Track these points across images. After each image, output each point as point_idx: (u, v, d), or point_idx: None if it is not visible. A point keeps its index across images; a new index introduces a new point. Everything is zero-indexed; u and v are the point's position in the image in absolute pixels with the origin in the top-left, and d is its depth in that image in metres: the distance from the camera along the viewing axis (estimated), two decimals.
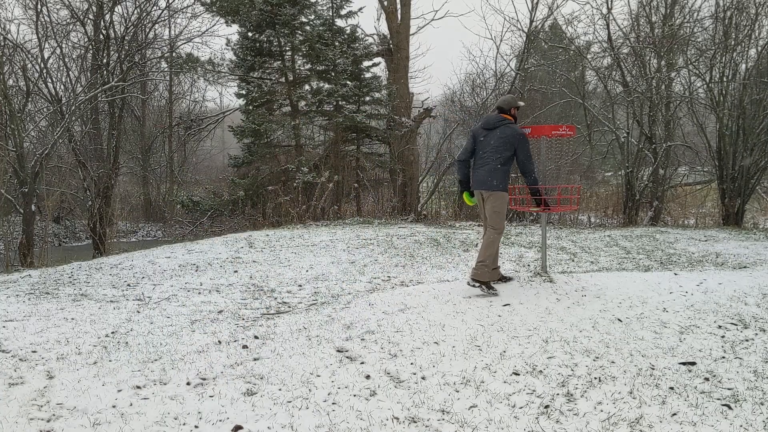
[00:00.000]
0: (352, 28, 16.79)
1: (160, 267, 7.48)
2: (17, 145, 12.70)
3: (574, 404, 3.18)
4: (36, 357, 4.00)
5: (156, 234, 22.22)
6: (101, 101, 18.71)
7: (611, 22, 14.88)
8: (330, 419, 3.07)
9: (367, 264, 7.35)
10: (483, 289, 5.31)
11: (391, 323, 4.58)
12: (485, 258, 5.35)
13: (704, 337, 4.23)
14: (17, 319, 4.98)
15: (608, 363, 3.74)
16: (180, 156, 26.36)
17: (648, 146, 14.41)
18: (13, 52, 15.47)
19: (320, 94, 16.48)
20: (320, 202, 14.78)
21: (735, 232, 10.93)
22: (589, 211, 16.58)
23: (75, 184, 18.76)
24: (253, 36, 16.63)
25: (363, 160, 17.47)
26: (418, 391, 3.39)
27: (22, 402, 3.27)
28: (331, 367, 3.76)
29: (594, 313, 4.77)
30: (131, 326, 4.75)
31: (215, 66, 18.12)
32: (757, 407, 3.12)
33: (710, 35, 14.15)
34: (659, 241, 9.30)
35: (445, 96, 22.77)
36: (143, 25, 20.33)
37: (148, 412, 3.14)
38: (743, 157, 12.90)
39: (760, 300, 5.16)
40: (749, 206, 14.79)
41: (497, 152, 5.36)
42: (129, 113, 23.25)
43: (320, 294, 5.82)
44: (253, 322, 4.78)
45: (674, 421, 2.98)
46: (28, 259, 12.14)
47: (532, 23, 17.12)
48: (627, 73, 15.15)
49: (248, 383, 3.51)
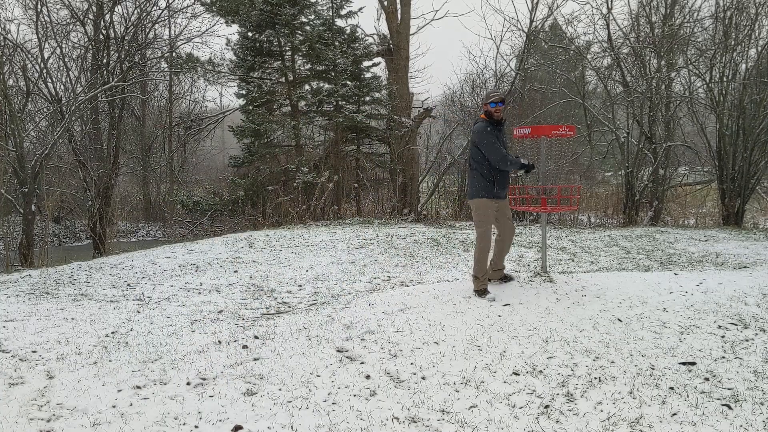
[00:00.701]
0: (352, 28, 16.81)
1: (160, 267, 7.48)
2: (17, 145, 12.70)
3: (574, 404, 3.18)
4: (36, 357, 4.00)
5: (156, 234, 22.21)
6: (101, 101, 18.71)
7: (611, 22, 14.89)
8: (330, 419, 3.07)
9: (367, 264, 7.35)
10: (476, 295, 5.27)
11: (391, 323, 4.58)
12: (475, 272, 5.27)
13: (704, 337, 4.23)
14: (17, 319, 4.98)
15: (608, 363, 3.74)
16: (180, 156, 26.36)
17: (648, 146, 14.41)
18: (13, 52, 15.47)
19: (320, 94, 16.49)
20: (320, 202, 14.78)
21: (735, 232, 10.93)
22: (589, 211, 16.58)
23: (75, 184, 18.76)
24: (253, 36, 16.64)
25: (363, 160, 17.48)
26: (418, 391, 3.39)
27: (22, 402, 3.27)
28: (331, 367, 3.76)
29: (594, 313, 4.77)
30: (131, 326, 4.74)
31: (215, 66, 18.13)
32: (757, 407, 3.12)
33: (710, 35, 14.16)
34: (659, 241, 9.30)
35: (445, 96, 22.78)
36: (143, 25, 20.33)
37: (148, 412, 3.14)
38: (743, 158, 12.91)
39: (760, 300, 5.16)
40: (749, 206, 14.79)
41: (471, 156, 5.35)
42: (129, 113, 23.25)
43: (320, 294, 5.82)
44: (253, 322, 4.78)
45: (674, 421, 2.98)
46: (28, 259, 12.15)
47: (532, 23, 17.12)
48: (627, 73, 15.15)
49: (248, 383, 3.51)
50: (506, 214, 5.44)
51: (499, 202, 5.29)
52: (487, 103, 5.15)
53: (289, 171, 15.76)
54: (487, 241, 5.21)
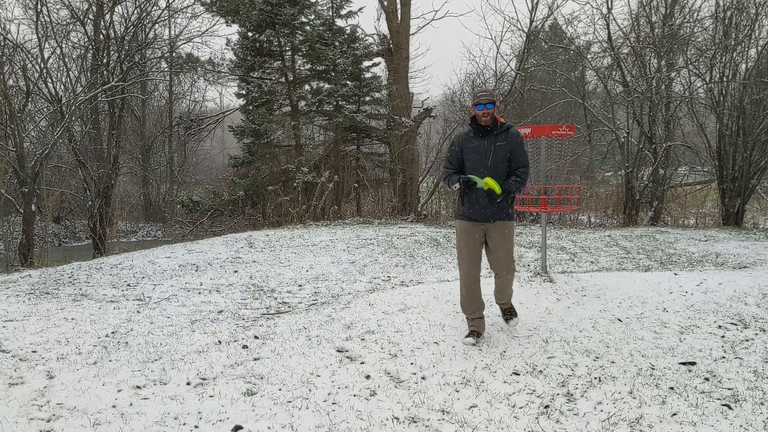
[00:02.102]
0: (352, 28, 16.81)
1: (160, 267, 7.47)
2: (17, 145, 12.70)
3: (574, 404, 3.18)
4: (36, 357, 4.00)
5: (156, 234, 22.20)
6: (101, 101, 18.71)
7: (611, 22, 14.90)
8: (330, 419, 3.07)
9: (367, 264, 7.35)
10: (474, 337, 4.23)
11: (391, 323, 4.58)
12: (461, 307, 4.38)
13: (704, 337, 4.23)
14: (17, 319, 4.98)
15: (608, 363, 3.74)
16: (180, 156, 26.35)
17: (648, 146, 14.42)
18: (13, 52, 15.46)
19: (320, 94, 16.49)
20: (320, 202, 14.78)
21: (735, 232, 10.93)
22: (589, 211, 16.58)
23: (75, 184, 18.76)
24: (253, 36, 16.64)
25: (363, 160, 17.47)
26: (418, 391, 3.39)
27: (22, 402, 3.27)
28: (331, 367, 3.76)
29: (594, 313, 4.77)
30: (131, 326, 4.74)
31: (215, 66, 18.13)
32: (757, 407, 3.12)
33: (710, 35, 14.17)
34: (659, 241, 9.30)
35: (445, 96, 22.79)
36: (143, 25, 20.32)
37: (148, 412, 3.14)
38: (743, 157, 12.91)
39: (760, 300, 5.16)
40: (749, 206, 14.80)
41: None
42: (129, 113, 23.24)
43: (320, 294, 5.82)
44: (253, 322, 4.78)
45: (674, 421, 2.97)
46: (28, 259, 12.14)
47: (532, 23, 17.12)
48: (627, 73, 15.15)
49: (248, 383, 3.51)
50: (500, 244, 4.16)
51: (483, 225, 4.14)
52: (473, 105, 4.18)
53: (289, 171, 15.76)
54: (463, 271, 4.25)
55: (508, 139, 4.12)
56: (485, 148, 4.11)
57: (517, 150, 4.12)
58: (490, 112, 4.09)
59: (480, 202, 4.10)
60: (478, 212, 4.11)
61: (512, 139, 4.12)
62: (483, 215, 4.11)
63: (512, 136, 4.12)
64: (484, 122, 4.12)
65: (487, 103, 4.08)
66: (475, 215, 4.12)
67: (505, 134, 4.13)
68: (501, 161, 4.11)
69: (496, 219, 4.11)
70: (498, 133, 4.14)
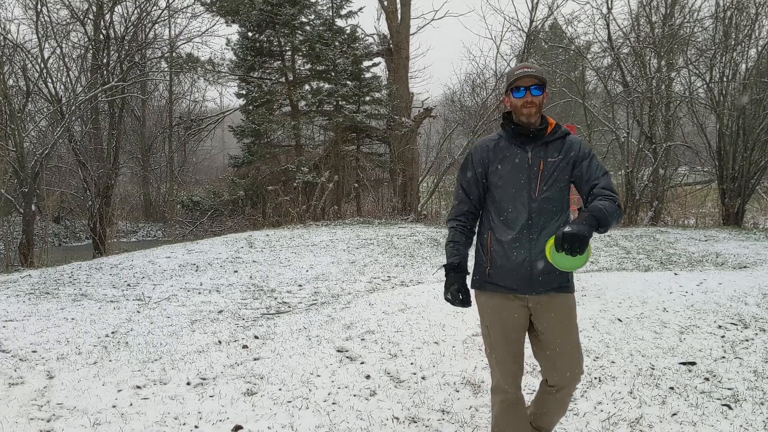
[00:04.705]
0: (352, 28, 16.81)
1: (160, 267, 7.47)
2: (17, 145, 12.69)
3: (574, 404, 3.18)
4: (36, 357, 4.00)
5: (156, 234, 22.18)
6: (101, 101, 18.69)
7: (611, 22, 14.89)
8: (330, 419, 3.07)
9: (367, 264, 7.35)
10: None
11: (391, 323, 4.58)
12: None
13: (704, 337, 4.23)
14: (17, 319, 4.98)
15: (608, 363, 3.74)
16: (180, 156, 26.34)
17: (648, 146, 14.42)
18: (13, 52, 15.44)
19: (320, 94, 16.49)
20: (320, 202, 14.78)
21: (735, 232, 10.92)
22: None
23: (75, 184, 18.74)
24: (253, 36, 16.64)
25: (363, 160, 17.47)
26: (418, 391, 3.39)
27: (22, 402, 3.27)
28: (331, 367, 3.76)
29: (594, 313, 4.76)
30: (131, 326, 4.74)
31: (215, 66, 18.11)
32: (757, 407, 3.12)
33: (710, 35, 14.17)
34: (659, 241, 9.30)
35: (445, 96, 22.82)
36: (143, 25, 20.30)
37: (148, 412, 3.14)
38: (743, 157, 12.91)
39: (760, 300, 5.16)
40: (749, 206, 14.80)
41: None
42: (129, 113, 23.22)
43: (320, 294, 5.82)
44: (253, 322, 4.78)
45: (674, 421, 2.97)
46: (28, 259, 12.13)
47: (532, 23, 17.11)
48: (627, 73, 15.15)
49: (248, 383, 3.51)
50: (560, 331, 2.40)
51: (526, 300, 2.39)
52: (507, 89, 2.37)
53: (289, 171, 15.76)
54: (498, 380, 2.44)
55: (567, 151, 2.38)
56: (530, 165, 2.36)
57: (590, 164, 2.37)
58: (538, 102, 2.33)
59: (520, 257, 2.35)
60: (518, 276, 2.35)
61: (576, 149, 2.39)
62: (528, 282, 2.35)
63: (575, 145, 2.40)
64: (527, 121, 2.35)
65: (531, 86, 2.32)
66: (513, 282, 2.37)
67: (561, 143, 2.39)
68: (557, 190, 2.37)
69: (549, 289, 2.37)
70: (551, 141, 2.39)
